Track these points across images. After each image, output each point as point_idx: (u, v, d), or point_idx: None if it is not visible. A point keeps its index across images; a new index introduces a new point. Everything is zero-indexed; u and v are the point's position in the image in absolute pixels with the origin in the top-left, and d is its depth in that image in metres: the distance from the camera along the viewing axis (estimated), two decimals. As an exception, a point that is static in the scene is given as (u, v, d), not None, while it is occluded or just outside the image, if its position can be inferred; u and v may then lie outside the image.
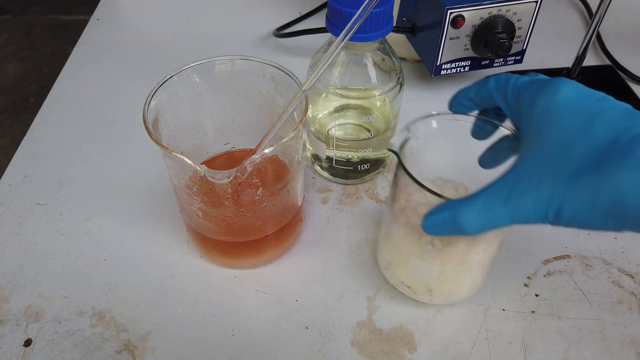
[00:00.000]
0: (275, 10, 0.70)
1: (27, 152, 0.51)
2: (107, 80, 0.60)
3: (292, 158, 0.38)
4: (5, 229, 0.44)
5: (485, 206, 0.27)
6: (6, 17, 1.71)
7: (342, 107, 0.45)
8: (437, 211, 0.29)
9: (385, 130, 0.45)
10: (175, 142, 0.39)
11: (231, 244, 0.40)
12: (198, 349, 0.37)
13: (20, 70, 1.53)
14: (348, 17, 0.38)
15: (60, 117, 0.55)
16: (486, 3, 0.48)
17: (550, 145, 0.26)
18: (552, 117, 0.26)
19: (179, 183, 0.37)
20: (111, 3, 0.72)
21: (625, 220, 0.23)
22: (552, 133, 0.26)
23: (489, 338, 0.38)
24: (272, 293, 0.40)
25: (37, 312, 0.39)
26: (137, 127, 0.38)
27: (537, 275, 0.42)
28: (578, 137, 0.25)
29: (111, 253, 0.43)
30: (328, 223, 0.45)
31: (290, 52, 0.64)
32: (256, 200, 0.37)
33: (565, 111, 0.26)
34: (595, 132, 0.24)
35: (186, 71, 0.37)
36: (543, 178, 0.25)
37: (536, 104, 0.27)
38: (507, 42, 0.48)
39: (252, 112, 0.41)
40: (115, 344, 0.37)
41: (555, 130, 0.26)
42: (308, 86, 0.33)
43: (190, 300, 0.40)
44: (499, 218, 0.27)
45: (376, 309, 0.39)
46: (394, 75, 0.43)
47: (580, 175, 0.24)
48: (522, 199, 0.26)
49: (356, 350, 0.37)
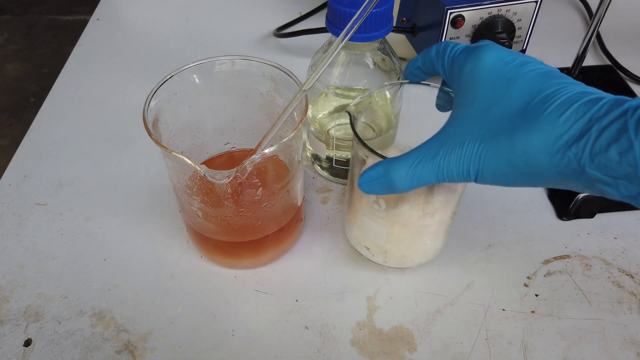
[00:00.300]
0: (275, 10, 0.70)
1: (27, 152, 0.51)
2: (107, 80, 0.60)
3: (292, 158, 0.38)
4: (5, 229, 0.44)
5: (415, 163, 0.29)
6: (6, 17, 1.72)
7: (342, 107, 0.45)
8: (371, 168, 0.31)
9: (388, 129, 0.45)
10: (175, 142, 0.39)
11: (231, 244, 0.40)
12: (198, 349, 0.37)
13: (20, 70, 1.53)
14: (348, 17, 0.38)
15: (60, 117, 0.55)
16: (486, 3, 0.48)
17: (473, 108, 0.27)
18: (475, 82, 0.27)
19: (179, 183, 0.37)
20: (111, 3, 0.72)
21: (536, 178, 0.25)
22: (475, 96, 0.27)
23: (489, 338, 0.38)
24: (272, 293, 0.40)
25: (37, 312, 0.39)
26: (137, 127, 0.38)
27: (537, 275, 0.42)
28: (497, 99, 0.26)
29: (111, 253, 0.43)
30: (328, 223, 0.45)
31: (290, 52, 0.64)
32: (256, 200, 0.37)
33: (487, 76, 0.27)
34: (512, 94, 0.26)
35: (186, 71, 0.37)
36: (466, 138, 0.27)
37: (463, 69, 0.28)
38: (507, 42, 0.48)
39: (252, 112, 0.41)
40: (115, 344, 0.37)
41: (477, 94, 0.27)
42: (308, 86, 0.33)
43: (190, 300, 0.40)
44: (426, 175, 0.28)
45: (376, 309, 0.39)
46: (393, 75, 0.43)
47: (498, 135, 0.25)
48: (447, 158, 0.27)
49: (356, 350, 0.37)
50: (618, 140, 0.22)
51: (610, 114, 0.23)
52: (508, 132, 0.25)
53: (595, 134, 0.23)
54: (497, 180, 0.27)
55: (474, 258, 0.43)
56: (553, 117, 0.24)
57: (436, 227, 0.37)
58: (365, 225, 0.38)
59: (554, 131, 0.24)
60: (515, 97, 0.26)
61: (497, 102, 0.26)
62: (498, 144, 0.25)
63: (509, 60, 0.27)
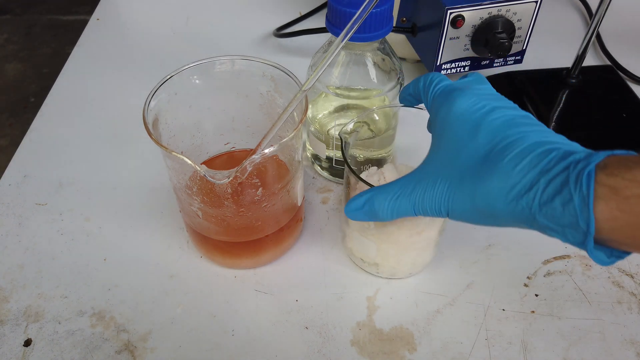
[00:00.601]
0: (275, 10, 0.70)
1: (27, 152, 0.51)
2: (107, 80, 0.60)
3: (292, 158, 0.38)
4: (5, 229, 0.44)
5: (395, 197, 0.31)
6: (6, 17, 1.72)
7: (342, 107, 0.45)
8: (356, 197, 0.33)
9: (387, 130, 0.45)
10: (175, 142, 0.39)
11: (231, 244, 0.40)
12: (198, 349, 0.37)
13: (20, 70, 1.53)
14: (348, 17, 0.38)
15: (60, 117, 0.55)
16: (486, 3, 0.48)
17: (444, 151, 0.29)
18: (447, 126, 0.30)
19: (179, 183, 0.37)
20: (111, 3, 0.72)
21: (498, 221, 0.27)
22: (447, 140, 0.29)
23: (489, 338, 0.38)
24: (272, 293, 0.40)
25: (37, 312, 0.39)
26: (137, 127, 0.38)
27: (537, 275, 0.42)
28: (465, 144, 0.28)
29: (111, 253, 0.43)
30: (328, 223, 0.45)
31: (290, 52, 0.64)
32: (256, 200, 0.37)
33: (457, 121, 0.29)
34: (479, 140, 0.28)
35: (186, 71, 0.37)
36: (438, 179, 0.29)
37: (438, 113, 0.31)
38: (507, 42, 0.48)
39: (252, 112, 0.41)
40: (115, 344, 0.37)
41: (448, 138, 0.29)
42: (308, 86, 0.33)
43: (190, 300, 0.40)
44: (405, 209, 0.30)
45: (376, 309, 0.39)
46: (394, 75, 0.43)
47: (465, 179, 0.28)
48: (421, 195, 0.29)
49: (356, 350, 0.37)
50: (561, 192, 0.24)
51: (557, 167, 0.25)
52: (472, 177, 0.27)
53: (543, 185, 0.24)
54: (466, 219, 0.29)
55: (474, 258, 0.43)
56: (509, 167, 0.26)
57: (424, 243, 0.38)
58: (357, 240, 0.39)
59: (509, 180, 0.26)
60: (481, 143, 0.28)
61: (466, 147, 0.28)
62: (464, 188, 0.27)
63: (480, 107, 0.29)
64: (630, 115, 0.54)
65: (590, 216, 0.23)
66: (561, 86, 0.57)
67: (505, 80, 0.59)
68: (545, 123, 0.53)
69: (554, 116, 0.54)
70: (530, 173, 0.25)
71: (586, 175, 0.23)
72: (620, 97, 0.57)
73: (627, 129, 0.53)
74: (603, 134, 0.52)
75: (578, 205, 0.23)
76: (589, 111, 0.55)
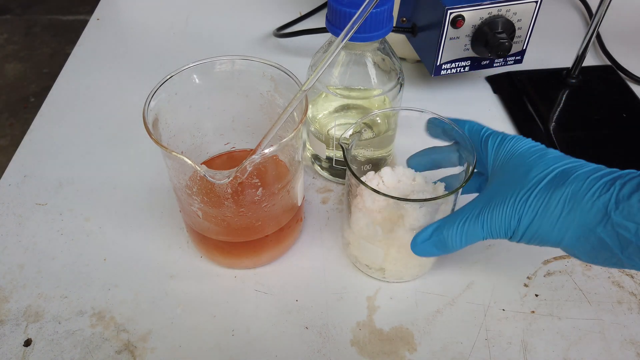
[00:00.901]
0: (275, 10, 0.70)
1: (27, 152, 0.51)
2: (107, 80, 0.60)
3: (292, 158, 0.38)
4: (5, 229, 0.44)
5: (462, 221, 0.33)
6: (6, 17, 1.71)
7: (342, 107, 0.45)
8: (422, 231, 0.35)
9: (387, 130, 0.45)
10: (175, 142, 0.39)
11: (231, 244, 0.40)
12: (198, 349, 0.37)
13: (20, 70, 1.53)
14: (348, 17, 0.38)
15: (60, 117, 0.55)
16: (486, 3, 0.48)
17: (513, 175, 0.33)
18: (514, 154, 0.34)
19: (179, 183, 0.37)
20: (111, 3, 0.72)
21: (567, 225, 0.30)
22: (513, 166, 0.33)
23: (489, 338, 0.38)
24: (272, 293, 0.40)
25: (37, 312, 0.39)
26: (137, 127, 0.38)
27: (537, 275, 0.42)
28: (533, 167, 0.32)
29: (111, 253, 0.43)
30: (328, 223, 0.45)
31: (290, 52, 0.64)
32: (256, 200, 0.37)
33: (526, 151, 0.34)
34: (547, 162, 0.32)
35: (186, 71, 0.37)
36: (507, 198, 0.32)
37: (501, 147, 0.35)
38: (507, 42, 0.48)
39: (252, 112, 0.41)
40: (115, 344, 0.37)
41: (515, 164, 0.33)
42: (308, 86, 0.33)
43: (190, 300, 0.40)
44: (473, 231, 0.33)
45: (376, 309, 0.39)
46: (394, 75, 0.43)
47: (534, 194, 0.31)
48: (490, 214, 0.32)
49: (356, 350, 0.37)
50: (637, 190, 0.27)
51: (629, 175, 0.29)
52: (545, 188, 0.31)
53: (619, 186, 0.28)
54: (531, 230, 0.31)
55: (474, 258, 0.43)
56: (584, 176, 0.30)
57: None
58: (363, 247, 0.39)
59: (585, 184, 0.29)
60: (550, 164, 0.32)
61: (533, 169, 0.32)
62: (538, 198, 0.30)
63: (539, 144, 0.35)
64: (630, 115, 0.54)
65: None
66: (561, 86, 0.57)
67: (505, 80, 0.59)
68: (545, 123, 0.53)
69: (554, 116, 0.54)
70: (605, 178, 0.29)
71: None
72: (620, 97, 0.57)
73: (627, 129, 0.53)
74: (603, 134, 0.52)
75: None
76: (589, 111, 0.55)
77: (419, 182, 0.40)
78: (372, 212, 0.37)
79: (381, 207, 0.37)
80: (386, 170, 0.40)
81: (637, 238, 0.27)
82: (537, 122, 0.53)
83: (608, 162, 0.49)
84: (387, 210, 0.37)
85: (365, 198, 0.37)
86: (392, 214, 0.37)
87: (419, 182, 0.40)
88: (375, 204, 0.37)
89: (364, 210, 0.37)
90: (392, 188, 0.40)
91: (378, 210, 0.37)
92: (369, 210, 0.37)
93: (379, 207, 0.37)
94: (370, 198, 0.37)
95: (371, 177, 0.40)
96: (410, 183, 0.40)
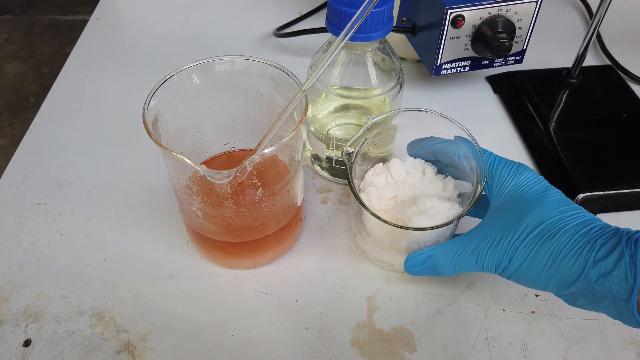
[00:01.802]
0: (275, 10, 0.70)
1: (27, 152, 0.51)
2: (107, 80, 0.60)
3: (292, 158, 0.38)
4: (5, 229, 0.44)
5: (457, 253, 0.35)
6: (6, 17, 1.72)
7: (342, 107, 0.45)
8: (417, 255, 0.37)
9: (387, 130, 0.45)
10: (175, 142, 0.39)
11: (231, 244, 0.40)
12: (198, 349, 0.37)
13: (20, 70, 1.53)
14: (348, 17, 0.38)
15: (60, 117, 0.55)
16: (486, 3, 0.48)
17: (510, 216, 0.34)
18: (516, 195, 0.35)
19: (178, 183, 0.37)
20: (111, 3, 0.72)
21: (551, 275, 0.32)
22: (513, 206, 0.35)
23: (489, 338, 0.38)
24: (272, 293, 0.40)
25: (37, 312, 0.39)
26: (137, 127, 0.38)
27: (537, 275, 0.42)
28: (527, 214, 0.34)
29: (111, 253, 0.43)
30: (328, 223, 0.45)
31: (290, 52, 0.64)
32: (256, 200, 0.37)
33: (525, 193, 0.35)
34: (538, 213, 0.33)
35: (186, 71, 0.37)
36: (501, 239, 0.34)
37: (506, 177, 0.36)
38: (507, 42, 0.48)
39: (252, 112, 0.41)
40: (115, 344, 0.37)
41: (515, 204, 0.35)
42: (308, 86, 0.33)
43: (190, 300, 0.40)
44: (466, 264, 0.35)
45: (376, 309, 0.39)
46: (394, 75, 0.43)
47: (525, 242, 0.33)
48: (484, 251, 0.34)
49: (356, 350, 0.37)
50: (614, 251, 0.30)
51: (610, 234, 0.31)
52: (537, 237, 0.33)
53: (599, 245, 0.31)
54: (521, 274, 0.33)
55: (474, 258, 0.43)
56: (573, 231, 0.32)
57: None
58: (372, 249, 0.41)
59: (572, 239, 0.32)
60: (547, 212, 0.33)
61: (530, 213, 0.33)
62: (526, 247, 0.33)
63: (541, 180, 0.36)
64: (630, 115, 0.54)
65: (638, 271, 0.29)
66: (561, 86, 0.57)
67: (505, 80, 0.59)
68: (545, 123, 0.53)
69: (554, 116, 0.54)
70: (589, 236, 0.31)
71: (635, 239, 0.30)
72: (620, 97, 0.57)
73: (627, 129, 0.53)
74: (603, 134, 0.52)
75: (628, 262, 0.29)
76: (589, 111, 0.54)
77: (429, 176, 0.40)
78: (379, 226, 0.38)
79: (385, 232, 0.38)
80: (395, 163, 0.40)
81: (611, 294, 0.30)
82: (537, 122, 0.53)
83: (608, 162, 0.50)
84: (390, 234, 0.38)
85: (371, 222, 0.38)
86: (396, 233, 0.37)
87: (429, 176, 0.40)
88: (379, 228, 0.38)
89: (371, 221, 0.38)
90: (400, 181, 0.40)
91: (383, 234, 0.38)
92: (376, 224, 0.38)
93: (382, 231, 0.38)
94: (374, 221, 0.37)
95: (379, 170, 0.40)
96: (420, 177, 0.40)
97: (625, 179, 0.48)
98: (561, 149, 0.50)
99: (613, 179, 0.48)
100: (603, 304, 0.31)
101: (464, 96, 0.58)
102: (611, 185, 0.47)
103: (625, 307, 0.29)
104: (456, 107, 0.57)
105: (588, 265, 0.30)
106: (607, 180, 0.47)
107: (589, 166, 0.49)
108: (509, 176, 0.36)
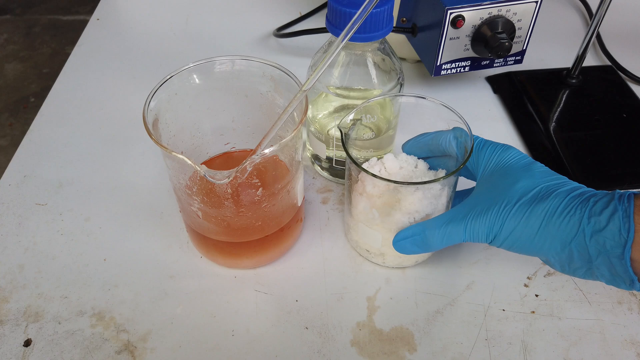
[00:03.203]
0: (275, 10, 0.70)
1: (27, 152, 0.51)
2: (107, 81, 0.60)
3: (292, 158, 0.38)
4: (5, 229, 0.44)
5: (446, 222, 0.35)
6: (6, 17, 1.72)
7: (342, 107, 0.45)
8: (406, 229, 0.37)
9: (387, 130, 0.45)
10: (175, 142, 0.39)
11: (231, 244, 0.40)
12: (198, 349, 0.37)
13: (20, 70, 1.53)
14: (348, 17, 0.38)
15: (60, 117, 0.55)
16: (486, 3, 0.48)
17: (499, 185, 0.35)
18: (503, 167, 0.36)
19: (178, 183, 0.37)
20: (111, 3, 0.72)
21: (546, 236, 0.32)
22: (501, 177, 0.35)
23: (489, 338, 0.38)
24: (272, 293, 0.40)
25: (37, 312, 0.39)
26: (137, 127, 0.38)
27: (537, 275, 0.42)
28: (519, 179, 0.34)
29: (111, 253, 0.43)
30: (328, 223, 0.45)
31: (290, 52, 0.64)
32: (256, 200, 0.37)
33: (513, 161, 0.36)
34: (528, 180, 0.34)
35: (186, 71, 0.37)
36: (492, 206, 0.33)
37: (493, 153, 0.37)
38: (507, 42, 0.48)
39: (252, 112, 0.41)
40: (115, 344, 0.37)
41: (503, 175, 0.35)
42: (308, 86, 0.33)
43: (190, 300, 0.40)
44: (456, 232, 0.35)
45: (376, 309, 0.39)
46: (394, 75, 0.43)
47: (517, 206, 0.33)
48: (475, 219, 0.34)
49: (356, 350, 0.37)
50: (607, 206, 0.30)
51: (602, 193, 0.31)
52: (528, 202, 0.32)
53: (592, 203, 0.31)
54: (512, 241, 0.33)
55: (474, 258, 0.43)
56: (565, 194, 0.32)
57: None
58: (362, 231, 0.40)
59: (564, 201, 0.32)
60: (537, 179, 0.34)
61: (519, 181, 0.34)
62: (518, 211, 0.32)
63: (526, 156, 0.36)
64: (630, 115, 0.54)
65: (631, 225, 0.28)
66: (561, 86, 0.57)
67: (505, 80, 0.59)
68: (545, 123, 0.53)
69: (554, 116, 0.54)
70: (582, 197, 0.31)
71: (628, 195, 0.30)
72: (620, 97, 0.57)
73: (627, 129, 0.53)
74: (603, 134, 0.52)
75: (621, 217, 0.29)
76: (589, 111, 0.55)
77: (420, 169, 0.41)
78: (371, 197, 0.38)
79: (380, 191, 0.37)
80: (389, 157, 0.40)
81: (605, 249, 0.29)
82: (537, 122, 0.53)
83: (608, 162, 0.50)
84: (385, 194, 0.37)
85: (366, 183, 0.37)
86: (390, 198, 0.37)
87: (420, 169, 0.41)
88: (375, 188, 0.37)
89: (364, 194, 0.38)
90: (393, 174, 0.40)
91: (377, 195, 0.38)
92: (368, 195, 0.38)
93: (378, 191, 0.37)
94: (370, 183, 0.37)
95: (374, 163, 0.41)
96: (412, 170, 0.41)
97: (625, 178, 0.48)
98: (561, 149, 0.50)
99: (613, 178, 0.48)
100: (597, 263, 0.30)
101: (463, 96, 0.58)
102: (611, 185, 0.47)
103: (619, 265, 0.29)
104: (456, 107, 0.56)
105: (583, 222, 0.30)
106: (606, 180, 0.47)
107: (589, 166, 0.49)
108: (495, 153, 0.37)
